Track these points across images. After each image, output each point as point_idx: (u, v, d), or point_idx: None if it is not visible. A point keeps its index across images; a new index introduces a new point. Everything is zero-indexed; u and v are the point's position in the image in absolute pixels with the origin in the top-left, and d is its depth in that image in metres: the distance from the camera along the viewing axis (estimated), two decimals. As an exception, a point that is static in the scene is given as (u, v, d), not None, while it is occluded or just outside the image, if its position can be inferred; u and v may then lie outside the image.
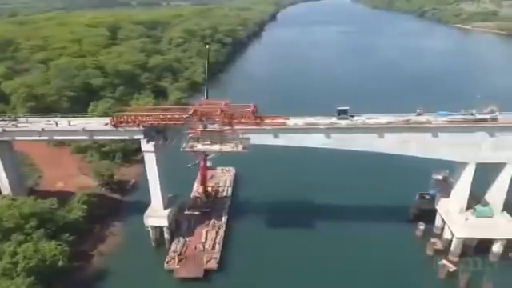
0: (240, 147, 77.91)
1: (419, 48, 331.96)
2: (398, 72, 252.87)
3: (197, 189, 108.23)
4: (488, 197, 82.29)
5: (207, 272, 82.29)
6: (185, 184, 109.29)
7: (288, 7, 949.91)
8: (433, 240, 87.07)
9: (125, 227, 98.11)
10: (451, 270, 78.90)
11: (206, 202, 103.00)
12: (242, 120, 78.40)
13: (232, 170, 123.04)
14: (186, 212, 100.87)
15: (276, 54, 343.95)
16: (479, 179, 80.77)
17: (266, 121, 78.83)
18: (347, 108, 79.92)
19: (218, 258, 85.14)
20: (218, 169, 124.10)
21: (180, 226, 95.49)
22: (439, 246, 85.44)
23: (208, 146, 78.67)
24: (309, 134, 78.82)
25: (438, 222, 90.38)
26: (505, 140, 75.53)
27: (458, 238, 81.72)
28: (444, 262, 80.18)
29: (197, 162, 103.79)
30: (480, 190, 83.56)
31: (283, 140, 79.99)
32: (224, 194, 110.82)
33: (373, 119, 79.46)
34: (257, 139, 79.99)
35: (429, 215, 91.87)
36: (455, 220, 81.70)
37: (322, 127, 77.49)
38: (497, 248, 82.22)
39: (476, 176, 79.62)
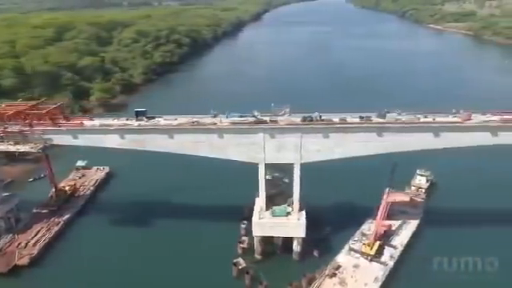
0: (38, 147, 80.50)
1: (381, 49, 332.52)
2: (347, 72, 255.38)
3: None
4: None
5: (18, 268, 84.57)
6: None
7: (280, 7, 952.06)
8: (243, 238, 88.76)
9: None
10: (240, 267, 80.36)
11: (57, 201, 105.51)
12: (41, 121, 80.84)
13: (106, 169, 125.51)
14: (35, 210, 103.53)
15: (240, 54, 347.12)
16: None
17: (63, 122, 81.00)
18: (145, 110, 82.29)
19: (35, 254, 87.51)
20: (94, 168, 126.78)
21: (17, 224, 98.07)
22: (245, 244, 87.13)
23: (7, 146, 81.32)
24: (105, 134, 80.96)
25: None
26: (286, 141, 77.07)
27: (256, 237, 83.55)
28: (237, 260, 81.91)
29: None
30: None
31: (82, 140, 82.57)
32: (85, 192, 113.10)
33: (168, 120, 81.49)
34: (58, 139, 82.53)
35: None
36: (254, 219, 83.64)
37: (112, 128, 79.57)
38: (296, 246, 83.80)
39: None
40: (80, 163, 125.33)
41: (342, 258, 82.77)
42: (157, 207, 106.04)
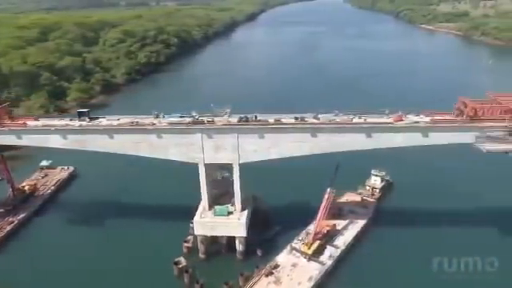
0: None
1: (368, 49, 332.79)
2: (333, 72, 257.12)
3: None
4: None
5: None
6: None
7: (277, 7, 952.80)
8: (188, 238, 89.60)
9: None
10: (180, 266, 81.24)
11: (13, 201, 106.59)
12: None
13: (70, 169, 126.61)
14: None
15: (230, 55, 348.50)
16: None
17: (7, 122, 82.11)
18: (86, 110, 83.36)
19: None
20: (58, 168, 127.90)
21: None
22: (190, 244, 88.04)
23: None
24: (47, 134, 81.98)
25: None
26: (224, 141, 78.02)
27: (199, 236, 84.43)
28: (178, 259, 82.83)
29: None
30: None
31: (27, 141, 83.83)
32: (45, 192, 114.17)
33: (110, 121, 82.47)
34: (3, 140, 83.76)
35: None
36: (195, 219, 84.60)
37: (53, 129, 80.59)
38: (238, 246, 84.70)
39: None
40: (44, 163, 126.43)
41: (283, 257, 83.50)
42: (114, 207, 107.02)
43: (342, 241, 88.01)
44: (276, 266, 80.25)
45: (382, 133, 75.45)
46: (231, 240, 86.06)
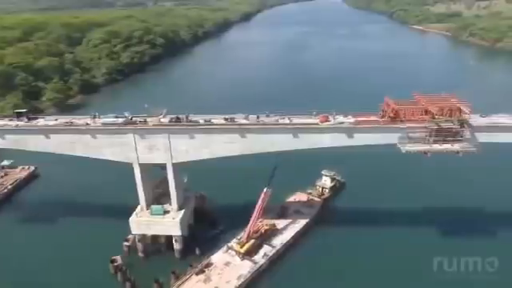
0: None
1: (356, 49, 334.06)
2: (316, 72, 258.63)
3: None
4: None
5: None
6: None
7: (274, 7, 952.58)
8: (129, 237, 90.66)
9: None
10: (116, 264, 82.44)
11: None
12: None
13: (31, 169, 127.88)
14: None
15: (217, 55, 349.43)
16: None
17: None
18: (24, 110, 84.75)
19: None
20: (19, 167, 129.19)
21: None
22: (130, 243, 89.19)
23: None
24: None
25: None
26: (156, 142, 79.19)
27: (136, 235, 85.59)
28: (114, 257, 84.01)
29: None
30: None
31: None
32: (1, 192, 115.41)
33: (48, 121, 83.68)
34: None
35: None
36: (131, 218, 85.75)
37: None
38: (176, 244, 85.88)
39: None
40: (5, 162, 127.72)
41: (218, 256, 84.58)
42: (67, 206, 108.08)
43: (280, 240, 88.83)
44: (209, 265, 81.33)
45: (309, 133, 76.26)
46: (170, 239, 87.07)
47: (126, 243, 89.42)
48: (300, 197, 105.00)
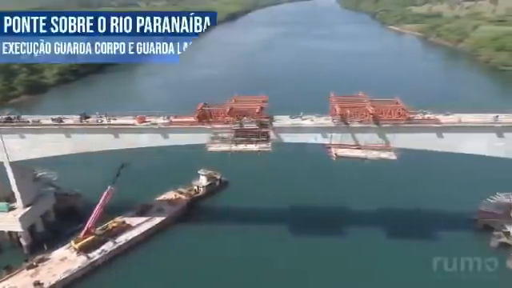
0: None
1: (329, 50, 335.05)
2: (265, 72, 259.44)
3: None
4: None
5: None
6: None
7: (268, 7, 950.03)
8: None
9: None
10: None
11: None
12: None
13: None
14: None
15: (185, 55, 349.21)
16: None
17: None
18: None
19: None
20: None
21: None
22: None
23: None
24: None
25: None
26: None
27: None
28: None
29: None
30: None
31: None
32: None
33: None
34: None
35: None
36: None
37: None
38: (21, 240, 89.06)
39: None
40: None
41: (59, 251, 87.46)
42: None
43: (126, 237, 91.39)
44: (43, 260, 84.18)
45: (127, 133, 78.93)
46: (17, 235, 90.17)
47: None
48: (168, 195, 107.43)
